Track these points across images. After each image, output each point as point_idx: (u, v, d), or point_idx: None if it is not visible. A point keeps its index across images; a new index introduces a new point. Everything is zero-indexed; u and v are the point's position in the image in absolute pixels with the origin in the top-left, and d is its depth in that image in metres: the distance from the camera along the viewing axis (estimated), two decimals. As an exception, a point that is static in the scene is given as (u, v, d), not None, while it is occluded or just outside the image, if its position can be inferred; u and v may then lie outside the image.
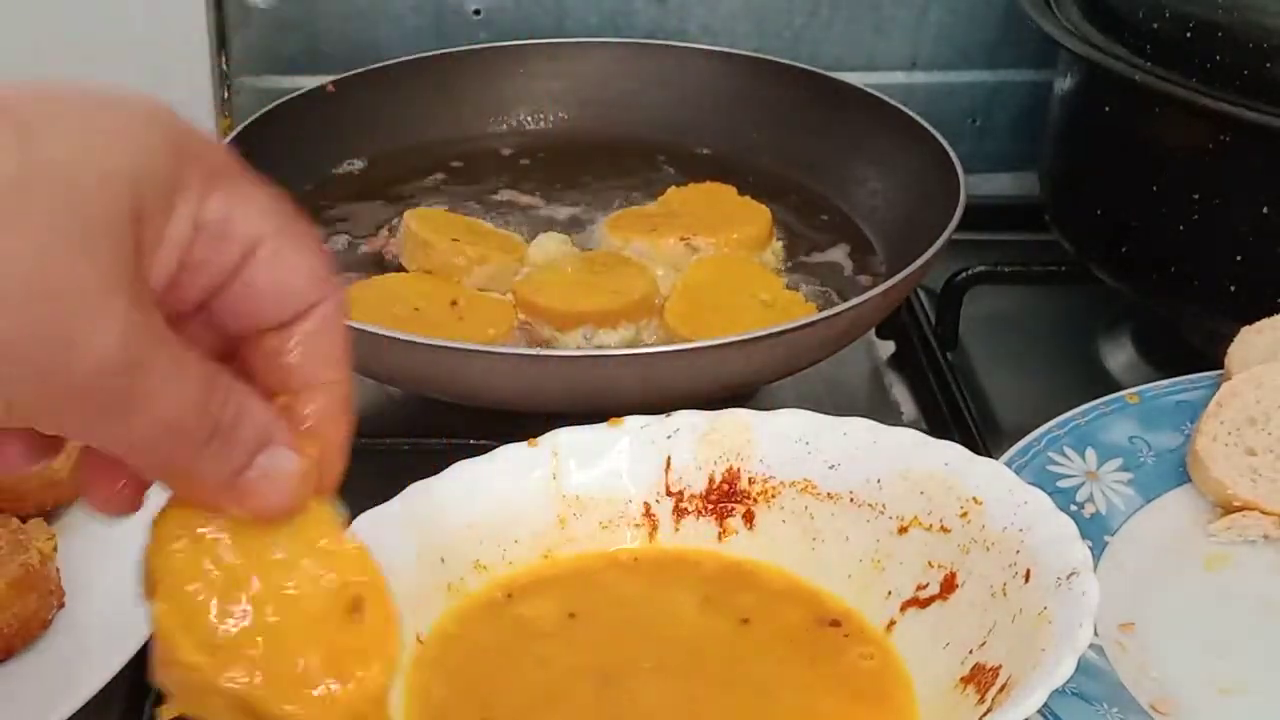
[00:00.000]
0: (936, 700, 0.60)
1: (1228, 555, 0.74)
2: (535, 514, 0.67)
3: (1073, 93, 0.93)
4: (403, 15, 1.10)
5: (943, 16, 1.12)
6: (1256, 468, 0.75)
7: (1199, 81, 0.82)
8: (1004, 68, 1.14)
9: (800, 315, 0.82)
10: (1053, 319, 1.01)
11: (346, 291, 0.51)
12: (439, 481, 0.66)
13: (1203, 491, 0.76)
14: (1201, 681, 0.66)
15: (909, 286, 0.84)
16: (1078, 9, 0.92)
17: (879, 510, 0.66)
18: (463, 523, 0.65)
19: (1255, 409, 0.77)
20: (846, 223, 0.97)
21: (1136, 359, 0.96)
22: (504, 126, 1.07)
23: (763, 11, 1.12)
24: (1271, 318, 0.81)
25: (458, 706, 0.59)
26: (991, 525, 0.62)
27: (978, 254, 0.97)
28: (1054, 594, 0.58)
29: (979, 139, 1.15)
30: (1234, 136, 0.82)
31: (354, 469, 0.86)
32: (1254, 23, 0.82)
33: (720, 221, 0.93)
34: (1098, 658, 0.65)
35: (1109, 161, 0.90)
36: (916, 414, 0.91)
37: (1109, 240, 0.91)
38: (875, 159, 0.99)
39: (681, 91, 1.06)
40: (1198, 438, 0.76)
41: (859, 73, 1.10)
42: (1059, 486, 0.74)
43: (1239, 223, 0.83)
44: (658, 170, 1.03)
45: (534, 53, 1.07)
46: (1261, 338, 0.80)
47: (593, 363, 0.78)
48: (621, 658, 0.62)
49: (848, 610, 0.65)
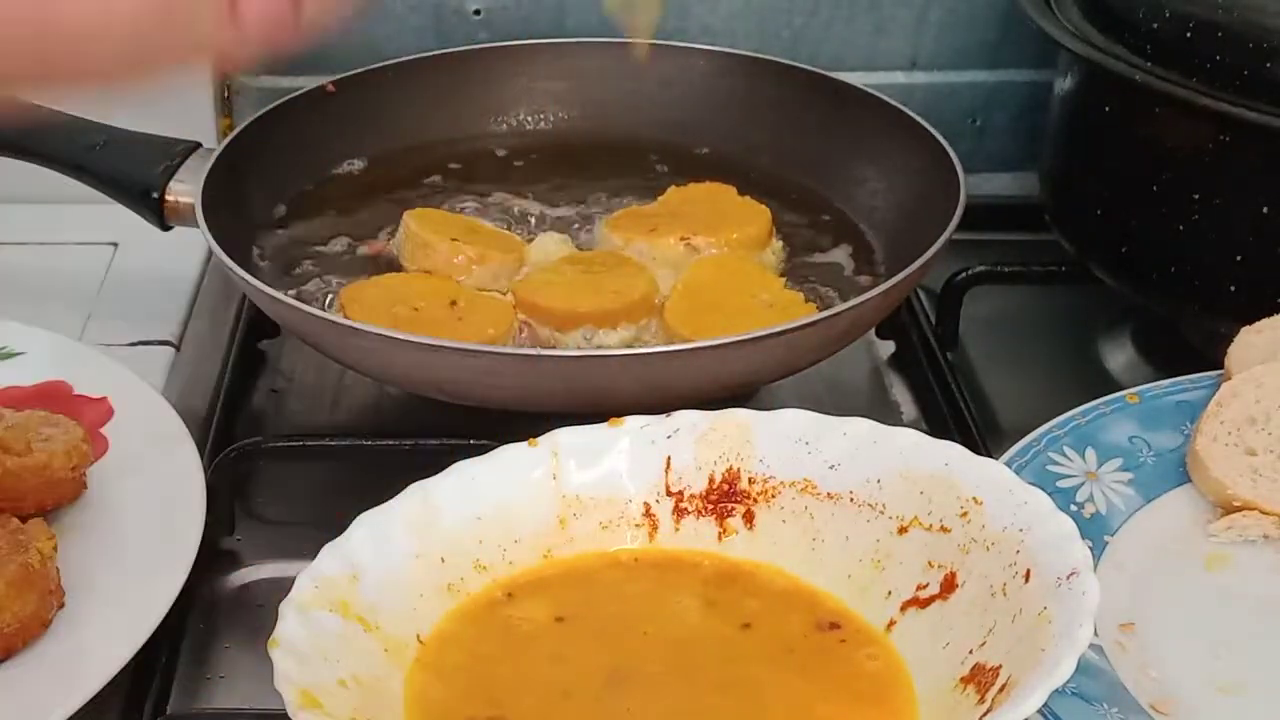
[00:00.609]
0: (936, 700, 0.60)
1: (1228, 555, 0.74)
2: (535, 514, 0.67)
3: (1073, 93, 0.93)
4: (403, 15, 1.10)
5: (943, 16, 1.12)
6: (1256, 468, 0.75)
7: (1199, 81, 0.82)
8: (1004, 68, 1.14)
9: (800, 315, 0.82)
10: (1053, 319, 1.01)
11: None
12: (439, 481, 0.66)
13: (1203, 491, 0.76)
14: (1201, 681, 0.66)
15: (909, 286, 0.84)
16: (1078, 9, 0.92)
17: (879, 510, 0.66)
18: (463, 523, 0.66)
19: (1255, 409, 0.77)
20: (846, 223, 0.97)
21: (1136, 359, 0.96)
22: (504, 126, 1.07)
23: (763, 12, 1.12)
24: (1271, 318, 0.81)
25: (458, 707, 0.59)
26: (991, 525, 0.62)
27: (978, 254, 0.97)
28: (1054, 594, 0.58)
29: (979, 139, 1.15)
30: (1234, 136, 0.82)
31: (354, 469, 0.86)
32: (1254, 23, 0.82)
33: (720, 221, 0.93)
34: (1097, 658, 0.66)
35: (1109, 162, 0.90)
36: (916, 414, 0.91)
37: (1109, 240, 0.91)
38: (875, 159, 0.99)
39: (681, 91, 1.06)
40: (1198, 438, 0.76)
41: (859, 73, 1.10)
42: (1059, 486, 0.74)
43: (1239, 223, 0.83)
44: (657, 170, 1.02)
45: (534, 53, 1.07)
46: (1261, 338, 0.80)
47: (593, 363, 0.78)
48: (622, 659, 0.62)
49: (848, 611, 0.65)
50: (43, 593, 0.67)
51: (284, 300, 0.82)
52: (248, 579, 0.78)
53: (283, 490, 0.84)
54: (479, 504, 0.66)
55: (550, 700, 0.60)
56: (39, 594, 0.67)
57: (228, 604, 0.77)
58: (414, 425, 0.85)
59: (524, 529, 0.67)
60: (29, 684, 0.65)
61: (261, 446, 0.82)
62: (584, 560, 0.67)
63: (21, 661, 0.66)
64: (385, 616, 0.61)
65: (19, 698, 0.64)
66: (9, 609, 0.66)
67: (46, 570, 0.68)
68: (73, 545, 0.72)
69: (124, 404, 0.81)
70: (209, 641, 0.74)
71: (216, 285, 1.00)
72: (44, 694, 0.64)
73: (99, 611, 0.69)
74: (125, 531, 0.73)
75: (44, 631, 0.67)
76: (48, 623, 0.68)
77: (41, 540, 0.69)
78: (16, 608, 0.66)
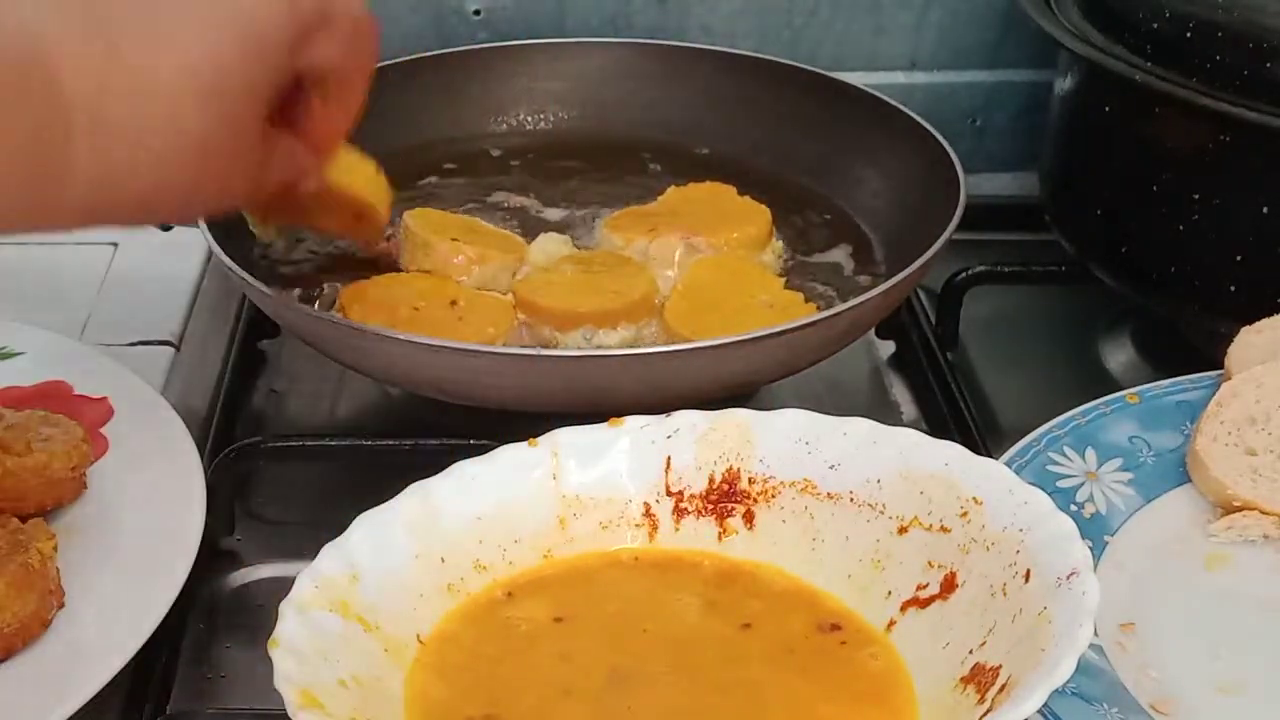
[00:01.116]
0: (936, 700, 0.60)
1: (1228, 555, 0.74)
2: (535, 514, 0.67)
3: (1072, 93, 0.93)
4: (402, 15, 1.10)
5: (943, 17, 1.12)
6: (1256, 468, 0.75)
7: (1199, 81, 0.82)
8: (1004, 68, 1.14)
9: (800, 315, 0.82)
10: (1052, 319, 1.01)
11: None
12: (439, 481, 0.66)
13: (1203, 491, 0.76)
14: (1201, 681, 0.66)
15: (909, 286, 0.84)
16: (1077, 9, 0.92)
17: (879, 510, 0.66)
18: (463, 523, 0.66)
19: (1255, 409, 0.77)
20: (846, 223, 0.97)
21: (1136, 359, 0.96)
22: (504, 127, 1.07)
23: (762, 12, 1.12)
24: (1271, 318, 0.81)
25: (458, 707, 0.59)
26: (991, 525, 0.62)
27: (978, 254, 0.97)
28: (1054, 594, 0.58)
29: (979, 139, 1.15)
30: (1234, 136, 0.82)
31: (354, 469, 0.86)
32: (1253, 23, 0.82)
33: (720, 221, 0.93)
34: (1097, 657, 0.66)
35: (1109, 162, 0.90)
36: (916, 414, 0.91)
37: (1109, 240, 0.91)
38: (875, 159, 0.99)
39: (681, 91, 1.06)
40: (1197, 438, 0.76)
41: (859, 73, 1.10)
42: (1059, 486, 0.74)
43: (1239, 223, 0.83)
44: (657, 170, 1.03)
45: (534, 53, 1.07)
46: (1261, 338, 0.80)
47: (593, 363, 0.78)
48: (622, 659, 0.62)
49: (848, 611, 0.65)
50: (43, 593, 0.67)
51: (284, 300, 0.82)
52: (248, 579, 0.78)
53: (283, 490, 0.84)
54: (479, 504, 0.66)
55: (550, 700, 0.60)
56: (39, 594, 0.67)
57: (228, 604, 0.77)
58: (414, 425, 0.85)
59: (524, 529, 0.67)
60: (29, 684, 0.65)
61: (261, 446, 0.82)
62: (584, 560, 0.67)
63: (21, 661, 0.66)
64: (385, 616, 0.61)
65: (19, 698, 0.64)
66: (9, 609, 0.66)
67: (46, 570, 0.68)
68: (73, 545, 0.72)
69: (124, 404, 0.81)
70: (209, 641, 0.74)
71: (216, 285, 1.00)
72: (44, 694, 0.64)
73: (99, 611, 0.69)
74: (125, 531, 0.73)
75: (44, 631, 0.67)
76: (48, 622, 0.68)
77: (41, 540, 0.69)
78: (16, 608, 0.66)
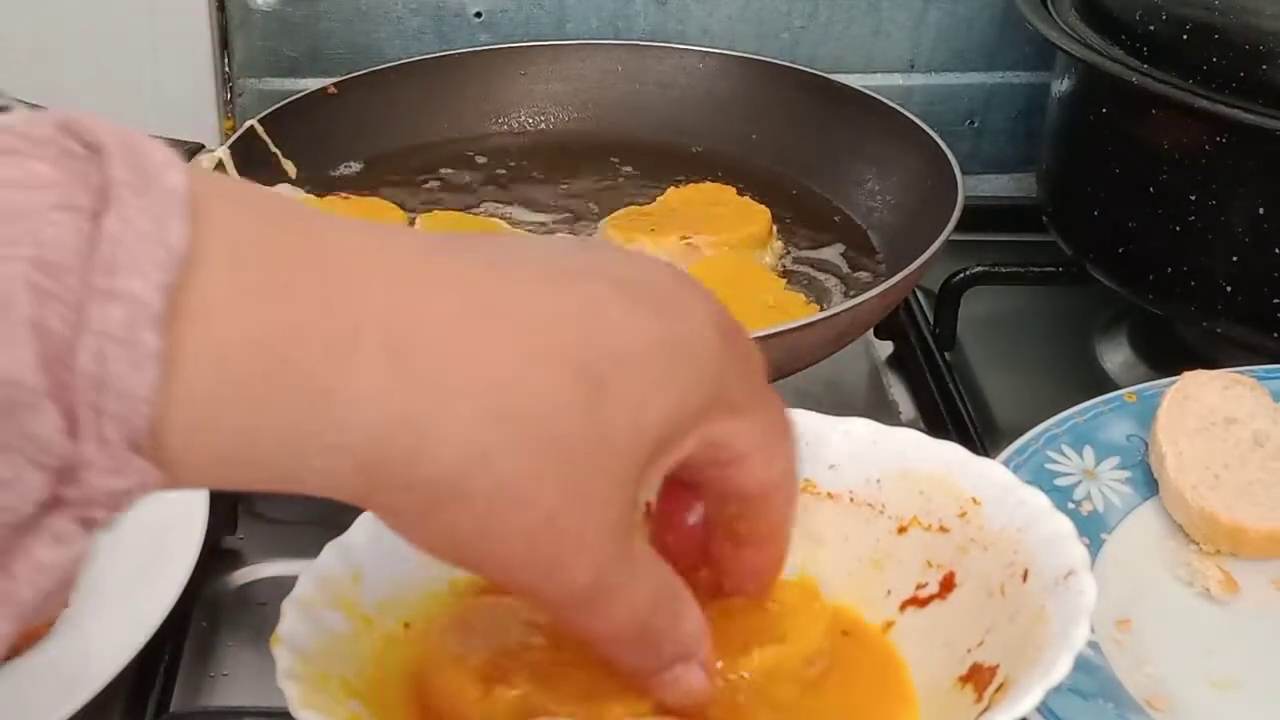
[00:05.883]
0: (935, 699, 0.60)
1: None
2: (536, 513, 0.67)
3: (1070, 95, 0.93)
4: (404, 17, 1.10)
5: (941, 19, 1.13)
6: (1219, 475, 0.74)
7: (1196, 83, 0.83)
8: (1002, 70, 1.14)
9: (800, 315, 0.82)
10: (1050, 319, 1.01)
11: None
12: (440, 481, 0.66)
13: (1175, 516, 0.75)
14: (1196, 677, 0.67)
15: (908, 287, 0.85)
16: (1075, 11, 0.92)
17: (879, 510, 0.66)
18: (464, 522, 0.66)
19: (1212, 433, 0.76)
20: (846, 223, 0.98)
21: (1133, 359, 0.96)
22: (505, 128, 1.07)
23: (762, 14, 1.12)
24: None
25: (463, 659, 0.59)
26: (990, 525, 0.63)
27: (976, 255, 0.97)
28: (1052, 594, 0.58)
29: (977, 140, 1.15)
30: (1231, 138, 0.82)
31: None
32: (1250, 25, 0.82)
33: (720, 221, 0.93)
34: (1094, 654, 0.66)
35: (1106, 163, 0.90)
36: (915, 414, 0.91)
37: (1106, 241, 0.91)
38: (874, 160, 0.99)
39: (681, 93, 1.06)
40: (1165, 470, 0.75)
41: (857, 74, 1.10)
42: (1056, 485, 0.74)
43: (1236, 224, 0.84)
44: (657, 171, 1.03)
45: (535, 55, 1.07)
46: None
47: (593, 363, 0.78)
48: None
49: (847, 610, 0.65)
50: (47, 592, 0.67)
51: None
52: (250, 578, 0.78)
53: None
54: (480, 503, 0.66)
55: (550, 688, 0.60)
56: (43, 593, 0.67)
57: (230, 603, 0.77)
58: (415, 425, 0.85)
59: (525, 528, 0.67)
60: (33, 684, 0.65)
61: (263, 446, 0.82)
62: (585, 559, 0.67)
63: (25, 661, 0.67)
64: (387, 614, 0.61)
65: (23, 697, 0.65)
66: (12, 608, 0.66)
67: (50, 569, 0.68)
68: (75, 545, 0.72)
69: (127, 404, 0.81)
70: (212, 640, 0.74)
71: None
72: (48, 693, 0.64)
73: (102, 611, 0.69)
74: (128, 531, 0.73)
75: (48, 631, 0.68)
76: (51, 622, 0.68)
77: (45, 540, 0.70)
78: (21, 607, 0.66)
